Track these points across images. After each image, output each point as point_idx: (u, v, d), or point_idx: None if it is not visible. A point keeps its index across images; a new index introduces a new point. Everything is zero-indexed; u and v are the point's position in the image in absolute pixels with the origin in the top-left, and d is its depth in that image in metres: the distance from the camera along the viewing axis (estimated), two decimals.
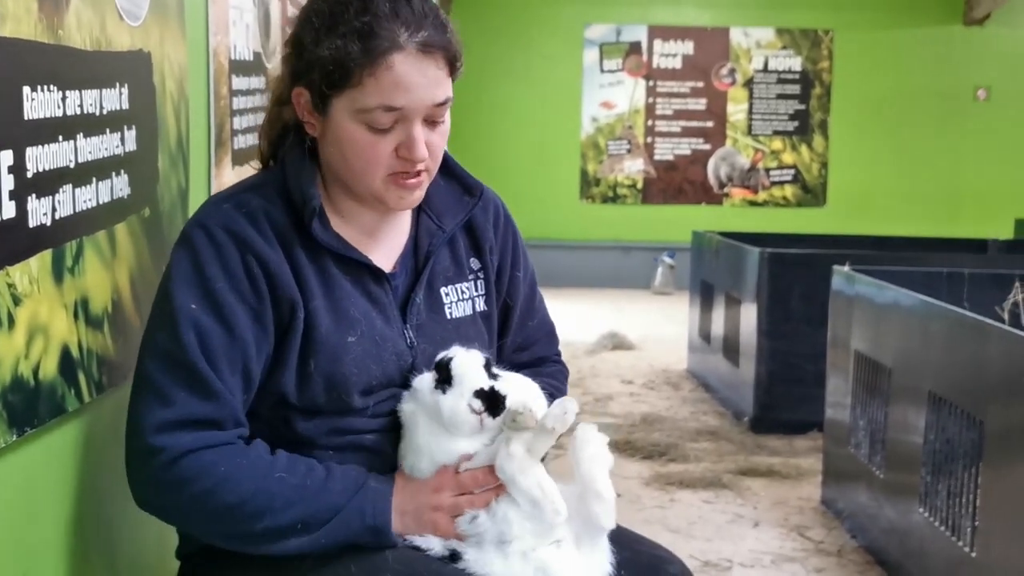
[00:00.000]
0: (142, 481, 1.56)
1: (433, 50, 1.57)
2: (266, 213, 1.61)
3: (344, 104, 1.58)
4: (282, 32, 3.28)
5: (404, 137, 1.59)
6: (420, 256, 1.72)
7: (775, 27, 10.95)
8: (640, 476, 4.37)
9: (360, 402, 1.63)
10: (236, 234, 1.58)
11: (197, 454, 1.52)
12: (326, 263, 1.63)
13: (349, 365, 1.61)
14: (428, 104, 1.58)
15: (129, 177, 1.83)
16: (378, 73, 1.54)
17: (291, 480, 1.54)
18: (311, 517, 1.54)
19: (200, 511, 1.54)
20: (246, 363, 1.57)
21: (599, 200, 11.05)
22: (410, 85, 1.55)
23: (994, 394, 2.73)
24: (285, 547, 1.54)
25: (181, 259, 1.59)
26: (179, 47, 2.17)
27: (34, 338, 1.47)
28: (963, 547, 2.84)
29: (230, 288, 1.56)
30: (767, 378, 5.07)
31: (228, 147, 2.66)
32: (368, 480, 1.59)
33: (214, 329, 1.55)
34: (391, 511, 1.57)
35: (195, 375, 1.53)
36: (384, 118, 1.57)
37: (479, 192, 1.78)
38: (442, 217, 1.74)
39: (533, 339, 1.89)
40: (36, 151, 1.46)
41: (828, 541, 3.72)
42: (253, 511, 1.52)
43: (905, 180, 10.86)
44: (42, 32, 1.49)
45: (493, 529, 1.55)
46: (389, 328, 1.66)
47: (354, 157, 1.60)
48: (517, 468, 1.52)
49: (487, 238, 1.79)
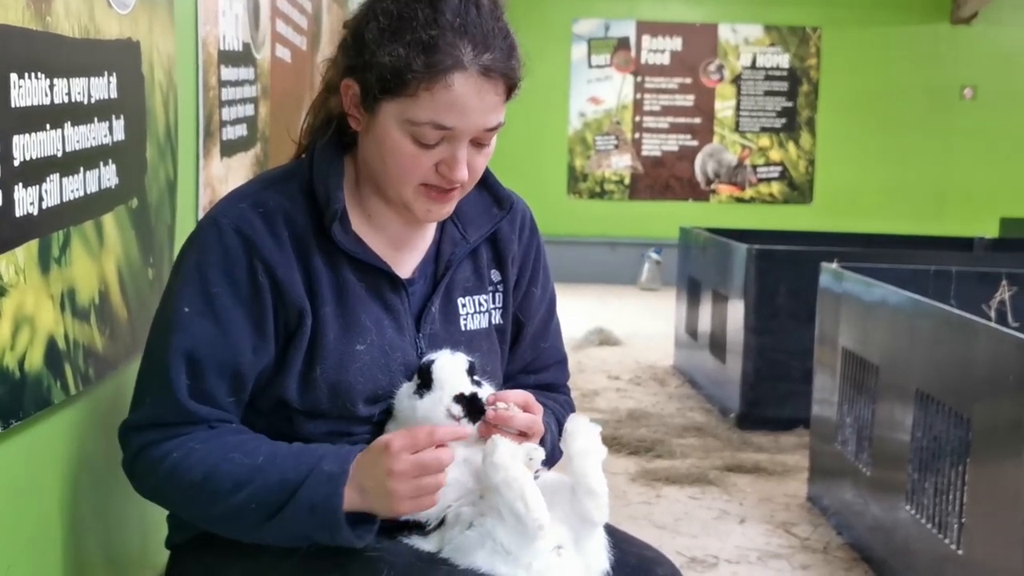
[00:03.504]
0: (123, 466, 1.60)
1: (495, 75, 1.53)
2: (285, 214, 1.57)
3: (394, 110, 1.53)
4: (271, 23, 3.26)
5: (447, 155, 1.55)
6: (441, 264, 1.69)
7: (763, 24, 10.97)
8: (626, 472, 4.37)
9: (365, 410, 1.60)
10: (248, 238, 1.55)
11: (155, 446, 1.53)
12: (342, 267, 1.60)
13: (355, 373, 1.59)
14: (479, 128, 1.54)
15: (117, 167, 1.82)
16: (435, 89, 1.50)
17: (243, 460, 1.50)
18: (260, 495, 1.48)
19: (167, 499, 1.58)
20: (237, 368, 1.54)
21: (586, 195, 11.06)
22: (465, 108, 1.51)
23: (981, 391, 2.73)
24: (252, 533, 1.51)
25: (188, 258, 1.57)
26: (168, 36, 2.15)
27: (20, 329, 1.46)
28: (949, 544, 2.84)
29: (230, 292, 1.54)
30: (753, 374, 5.07)
31: (217, 138, 2.64)
32: (321, 461, 1.49)
33: (206, 333, 1.52)
34: (342, 503, 1.46)
35: (166, 382, 1.52)
36: (432, 134, 1.53)
37: (509, 205, 1.74)
38: (468, 227, 1.70)
39: (543, 363, 1.83)
40: (23, 139, 1.44)
41: (814, 538, 3.73)
42: (206, 494, 1.50)
43: (891, 178, 10.90)
44: (30, 19, 1.47)
45: (480, 540, 1.52)
46: (400, 337, 1.63)
47: (392, 164, 1.57)
48: (502, 480, 1.48)
49: (510, 250, 1.75)
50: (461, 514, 1.55)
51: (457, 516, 1.55)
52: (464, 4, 1.52)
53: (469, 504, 1.56)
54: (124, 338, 1.89)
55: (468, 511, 1.55)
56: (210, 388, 1.53)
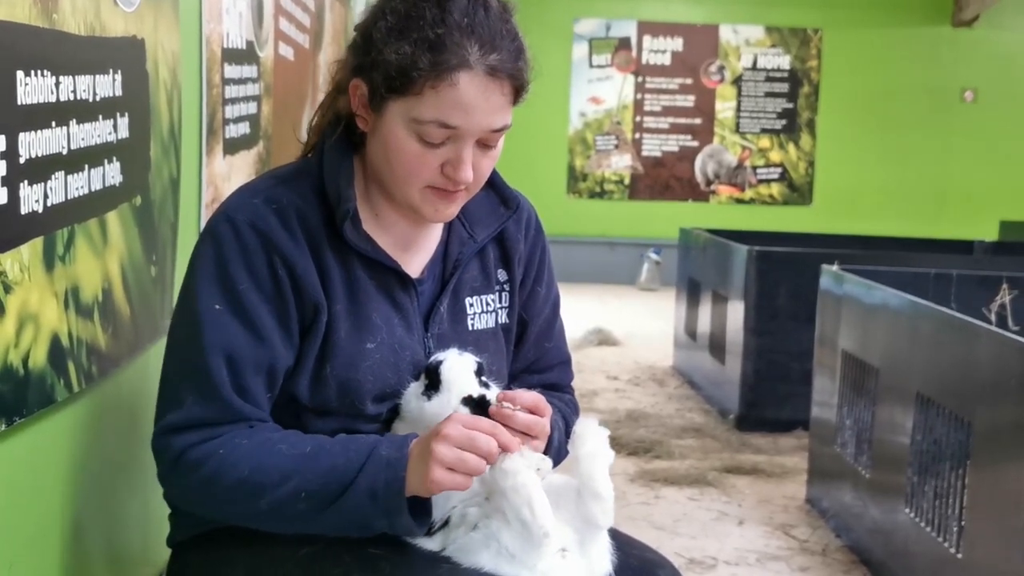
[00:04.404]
0: (159, 476, 1.56)
1: (501, 75, 1.53)
2: (297, 211, 1.57)
3: (400, 109, 1.54)
4: (275, 21, 3.26)
5: (453, 156, 1.55)
6: (449, 264, 1.69)
7: (764, 25, 10.97)
8: (625, 473, 4.37)
9: (373, 409, 1.60)
10: (264, 233, 1.54)
11: (198, 446, 1.51)
12: (353, 266, 1.60)
13: (365, 372, 1.59)
14: (484, 129, 1.54)
15: (121, 165, 1.82)
16: (440, 88, 1.50)
17: (290, 452, 1.49)
18: (312, 485, 1.47)
19: (210, 498, 1.52)
20: (272, 364, 1.54)
21: (586, 195, 11.06)
22: (470, 107, 1.51)
23: (981, 395, 2.73)
24: (303, 524, 1.50)
25: (206, 255, 1.55)
26: (172, 34, 2.15)
27: (24, 327, 1.45)
28: (948, 547, 2.84)
29: (256, 288, 1.53)
30: (753, 376, 5.07)
31: (220, 136, 2.64)
32: (378, 447, 1.49)
33: (238, 332, 1.52)
34: (404, 488, 1.46)
35: (207, 379, 1.51)
36: (437, 133, 1.53)
37: (515, 205, 1.74)
38: (475, 227, 1.71)
39: (548, 363, 1.84)
40: (29, 136, 1.44)
41: (813, 540, 3.73)
42: (253, 488, 1.49)
43: (891, 180, 10.90)
44: (36, 16, 1.47)
45: (484, 542, 1.52)
46: (409, 336, 1.63)
47: (398, 164, 1.57)
48: (510, 486, 1.47)
49: (517, 249, 1.76)
50: (466, 515, 1.55)
51: (462, 517, 1.55)
52: (472, 5, 1.52)
53: (475, 505, 1.56)
54: (127, 336, 1.89)
55: (474, 512, 1.55)
56: (250, 385, 1.53)
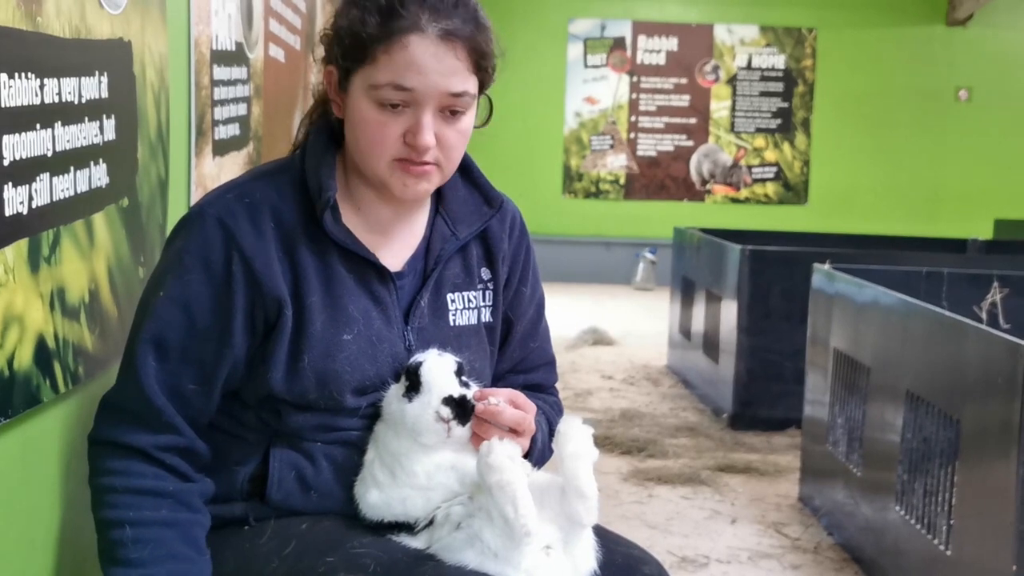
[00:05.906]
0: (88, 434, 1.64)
1: (455, 39, 1.56)
2: (271, 206, 1.60)
3: (360, 81, 1.58)
4: (265, 22, 3.26)
5: (412, 123, 1.58)
6: (430, 260, 1.71)
7: (759, 25, 10.98)
8: (619, 471, 4.38)
9: (352, 402, 1.62)
10: (228, 227, 1.58)
11: (111, 458, 1.57)
12: (331, 258, 1.62)
13: (342, 362, 1.60)
14: (441, 91, 1.56)
15: (108, 166, 1.82)
16: (393, 51, 1.54)
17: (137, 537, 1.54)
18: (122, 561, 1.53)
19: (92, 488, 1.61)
20: (202, 355, 1.58)
21: (581, 195, 11.07)
22: (423, 68, 1.54)
23: (971, 394, 2.74)
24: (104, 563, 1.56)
25: (171, 245, 1.62)
26: (160, 36, 2.15)
27: (9, 328, 1.46)
28: (938, 545, 2.85)
29: (206, 281, 1.57)
30: (746, 375, 5.08)
31: (209, 137, 2.64)
32: None
33: (175, 320, 1.56)
34: None
35: (130, 364, 1.57)
36: (393, 95, 1.55)
37: (499, 204, 1.77)
38: (457, 224, 1.73)
39: (533, 364, 1.85)
40: (13, 139, 1.45)
41: (805, 538, 3.74)
42: (101, 522, 1.56)
43: (886, 179, 10.92)
44: (20, 19, 1.48)
45: (468, 541, 1.52)
46: (388, 329, 1.65)
47: (363, 135, 1.60)
48: (495, 482, 1.48)
49: (501, 248, 1.77)
50: (450, 514, 1.56)
51: (446, 516, 1.56)
52: None
53: (459, 504, 1.56)
54: (114, 337, 1.89)
55: (458, 511, 1.55)
56: (175, 372, 1.57)
